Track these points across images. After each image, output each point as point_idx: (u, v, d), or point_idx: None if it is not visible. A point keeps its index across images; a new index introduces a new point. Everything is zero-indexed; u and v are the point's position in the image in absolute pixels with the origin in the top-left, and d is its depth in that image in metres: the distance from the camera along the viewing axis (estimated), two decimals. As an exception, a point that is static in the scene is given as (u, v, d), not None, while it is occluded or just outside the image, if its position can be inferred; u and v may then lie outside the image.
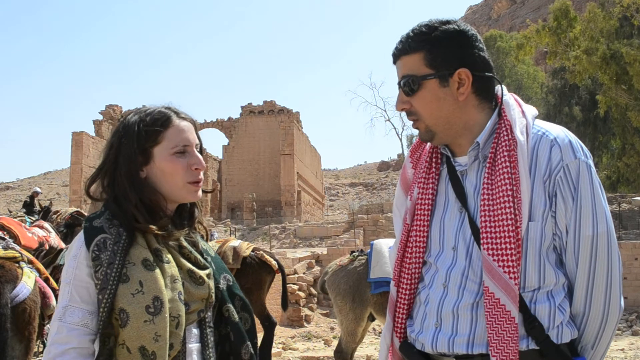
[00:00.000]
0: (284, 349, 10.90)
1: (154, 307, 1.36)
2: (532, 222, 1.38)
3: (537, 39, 24.91)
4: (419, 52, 1.44)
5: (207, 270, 1.54)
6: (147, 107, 1.56)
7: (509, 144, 1.40)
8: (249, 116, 45.67)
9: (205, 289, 1.50)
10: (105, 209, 1.49)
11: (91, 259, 1.39)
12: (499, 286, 1.34)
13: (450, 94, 1.44)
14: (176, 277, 1.44)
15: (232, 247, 6.38)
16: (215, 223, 34.61)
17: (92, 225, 1.45)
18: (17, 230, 4.49)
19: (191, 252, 1.53)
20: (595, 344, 1.42)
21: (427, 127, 1.48)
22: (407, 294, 1.54)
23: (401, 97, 1.49)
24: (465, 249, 1.44)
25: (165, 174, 1.49)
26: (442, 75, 1.43)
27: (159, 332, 1.35)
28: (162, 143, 1.50)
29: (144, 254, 1.43)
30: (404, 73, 1.47)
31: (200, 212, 1.63)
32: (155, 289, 1.38)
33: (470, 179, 1.48)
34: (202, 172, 1.54)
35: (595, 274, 1.39)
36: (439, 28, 1.44)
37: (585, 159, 1.40)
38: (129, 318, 1.35)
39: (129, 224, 1.45)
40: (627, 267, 15.45)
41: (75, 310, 1.38)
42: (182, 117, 1.55)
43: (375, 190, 64.89)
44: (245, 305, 1.63)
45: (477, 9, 79.19)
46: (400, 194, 1.66)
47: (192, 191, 1.52)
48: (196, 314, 1.48)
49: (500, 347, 1.33)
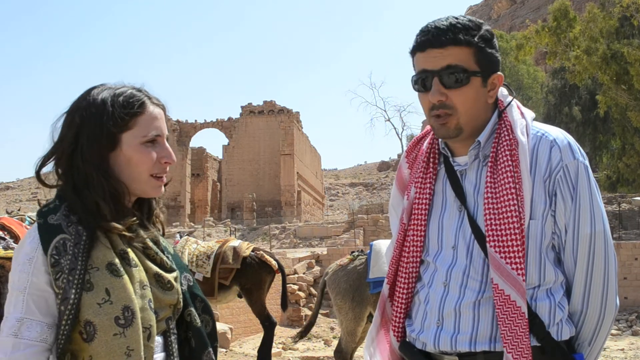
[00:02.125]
0: (284, 349, 10.90)
1: (125, 318, 1.22)
2: (532, 221, 1.40)
3: (537, 39, 24.89)
4: (471, 47, 1.41)
5: (174, 273, 1.40)
6: (117, 85, 1.38)
7: (510, 144, 1.42)
8: (249, 116, 45.67)
9: (174, 295, 1.38)
10: (60, 201, 1.30)
11: (50, 265, 1.21)
12: (509, 283, 1.36)
13: (484, 95, 1.46)
14: (145, 282, 1.30)
15: (232, 247, 6.38)
16: (215, 223, 34.61)
17: (47, 222, 1.26)
18: (18, 230, 4.49)
19: (157, 254, 1.38)
20: (592, 341, 1.44)
21: (459, 124, 1.44)
22: (405, 293, 1.55)
23: (439, 87, 1.41)
24: (466, 248, 1.45)
25: (130, 164, 1.33)
26: (485, 75, 1.44)
27: (131, 345, 1.22)
28: (133, 130, 1.33)
29: (108, 257, 1.26)
30: (451, 63, 1.39)
31: (157, 205, 1.46)
32: (125, 297, 1.23)
33: (469, 179, 1.49)
34: (168, 167, 1.39)
35: (592, 272, 1.41)
36: (482, 27, 1.44)
37: (583, 160, 1.43)
38: (96, 331, 1.20)
39: (91, 221, 1.27)
40: (627, 267, 15.44)
41: (33, 323, 1.20)
42: (155, 103, 1.39)
43: (375, 190, 64.90)
44: (207, 307, 1.50)
45: (477, 9, 79.22)
46: (396, 194, 1.67)
47: (156, 186, 1.37)
48: (164, 322, 1.36)
49: (514, 343, 1.35)
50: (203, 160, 50.70)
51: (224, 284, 6.24)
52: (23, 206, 26.17)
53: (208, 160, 51.49)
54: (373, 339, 1.68)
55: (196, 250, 6.34)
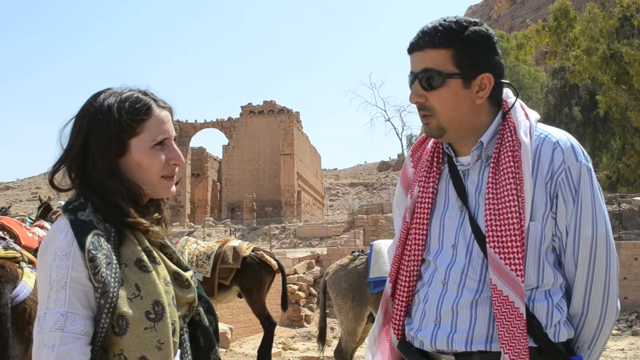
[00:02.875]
0: (284, 349, 10.90)
1: (155, 312, 1.25)
2: (532, 222, 1.40)
3: (537, 39, 24.89)
4: (448, 48, 1.42)
5: (190, 272, 1.44)
6: (122, 90, 1.39)
7: (513, 145, 1.42)
8: (249, 116, 45.67)
9: (192, 292, 1.42)
10: (85, 199, 1.32)
11: (88, 259, 1.23)
12: (507, 284, 1.36)
13: (469, 96, 1.45)
14: (168, 280, 1.34)
15: (232, 247, 6.38)
16: (215, 223, 34.62)
17: (79, 219, 1.28)
18: (18, 230, 4.49)
19: (174, 253, 1.42)
20: (592, 344, 1.44)
21: (440, 124, 1.47)
22: (406, 291, 1.56)
23: (418, 89, 1.46)
24: (466, 247, 1.45)
25: (141, 168, 1.35)
26: (466, 76, 1.43)
27: (162, 339, 1.25)
28: (141, 135, 1.35)
29: (136, 254, 1.30)
30: (427, 66, 1.43)
31: (165, 207, 1.49)
32: (155, 292, 1.27)
33: (472, 179, 1.49)
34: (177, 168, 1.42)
35: (594, 275, 1.41)
36: (469, 28, 1.43)
37: (586, 163, 1.43)
38: (128, 325, 1.23)
39: (117, 219, 1.30)
40: (627, 267, 15.43)
41: (77, 317, 1.22)
42: (162, 106, 1.40)
43: (375, 190, 64.89)
44: (210, 307, 1.54)
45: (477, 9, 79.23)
46: (400, 193, 1.68)
47: (167, 186, 1.40)
48: (181, 319, 1.39)
49: (512, 344, 1.35)
50: (203, 160, 50.69)
51: (224, 284, 6.24)
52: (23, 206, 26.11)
53: (208, 160, 51.48)
54: (375, 338, 1.68)
55: (196, 250, 6.34)
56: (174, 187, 1.42)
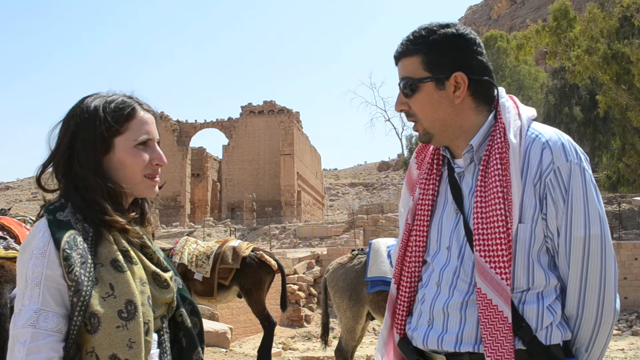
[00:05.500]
0: (284, 349, 10.92)
1: (127, 311, 1.28)
2: (521, 224, 1.39)
3: (537, 39, 24.90)
4: (417, 55, 1.47)
5: (169, 272, 1.47)
6: (108, 94, 1.45)
7: (502, 147, 1.42)
8: (249, 116, 45.68)
9: (170, 293, 1.44)
10: (66, 200, 1.36)
11: (62, 258, 1.26)
12: (491, 287, 1.36)
13: (447, 97, 1.46)
14: (144, 280, 1.37)
15: (231, 247, 6.39)
16: (215, 223, 34.62)
17: (57, 219, 1.32)
18: (17, 230, 4.49)
19: (154, 253, 1.45)
20: (590, 346, 1.42)
21: (425, 129, 1.51)
22: (407, 292, 1.57)
23: (400, 98, 1.52)
24: (458, 249, 1.46)
25: (125, 166, 1.40)
26: (438, 78, 1.45)
27: (132, 338, 1.28)
28: (125, 134, 1.40)
29: (113, 254, 1.33)
30: (403, 75, 1.50)
31: (150, 208, 1.52)
32: (128, 292, 1.30)
33: (466, 181, 1.50)
34: (159, 169, 1.46)
35: (587, 276, 1.38)
36: (437, 32, 1.46)
37: (578, 162, 1.40)
38: (100, 323, 1.26)
39: (96, 218, 1.34)
40: (627, 267, 15.44)
41: (50, 314, 1.25)
42: (146, 109, 1.46)
43: (375, 190, 64.92)
44: (195, 309, 1.56)
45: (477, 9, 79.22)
46: (405, 194, 1.69)
47: (150, 186, 1.44)
48: (159, 319, 1.41)
49: (494, 347, 1.35)
50: (203, 160, 50.72)
51: (223, 284, 6.24)
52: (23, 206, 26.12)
53: (208, 160, 51.50)
54: (385, 340, 1.67)
55: (196, 250, 6.35)
56: (157, 188, 1.46)
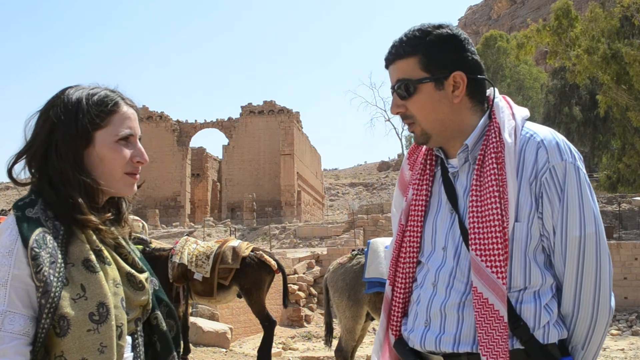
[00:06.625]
0: (284, 349, 10.91)
1: (99, 314, 1.22)
2: (517, 223, 1.39)
3: (538, 38, 24.88)
4: (414, 56, 1.46)
5: (145, 273, 1.41)
6: (91, 86, 1.39)
7: (497, 146, 1.42)
8: (249, 116, 45.67)
9: (145, 295, 1.38)
10: (36, 196, 1.29)
11: (30, 258, 1.19)
12: (487, 286, 1.36)
13: (446, 97, 1.46)
14: (118, 281, 1.30)
15: (231, 247, 6.38)
16: (215, 223, 34.62)
17: (26, 216, 1.24)
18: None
19: (129, 253, 1.39)
20: (586, 344, 1.42)
21: (423, 130, 1.50)
22: (402, 293, 1.57)
23: (396, 100, 1.50)
24: (454, 250, 1.46)
25: (104, 162, 1.34)
26: (437, 78, 1.45)
27: (104, 342, 1.21)
28: (107, 128, 1.34)
29: (85, 254, 1.26)
30: (399, 77, 1.48)
31: (127, 208, 1.46)
32: (100, 294, 1.23)
33: (461, 181, 1.50)
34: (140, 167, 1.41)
35: (583, 275, 1.39)
36: (432, 32, 1.45)
37: (573, 161, 1.40)
38: (69, 326, 1.19)
39: (68, 216, 1.27)
40: (627, 267, 15.42)
41: (16, 316, 1.18)
42: (129, 104, 1.41)
43: (375, 190, 64.92)
44: (171, 311, 1.50)
45: (477, 9, 79.21)
46: (398, 195, 1.69)
47: (129, 184, 1.38)
48: (133, 322, 1.35)
49: (490, 346, 1.35)
50: (203, 160, 50.71)
51: (223, 284, 6.24)
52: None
53: (208, 160, 51.50)
54: (381, 341, 1.67)
55: (195, 250, 6.34)
56: (136, 187, 1.41)
